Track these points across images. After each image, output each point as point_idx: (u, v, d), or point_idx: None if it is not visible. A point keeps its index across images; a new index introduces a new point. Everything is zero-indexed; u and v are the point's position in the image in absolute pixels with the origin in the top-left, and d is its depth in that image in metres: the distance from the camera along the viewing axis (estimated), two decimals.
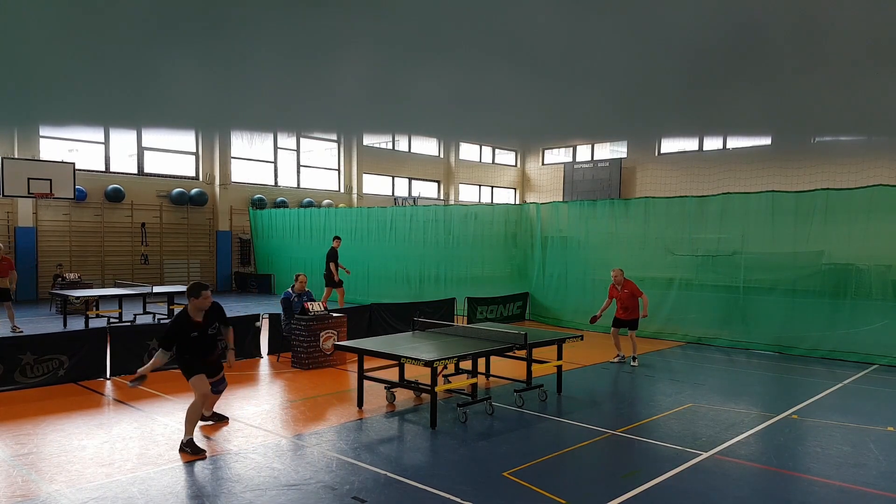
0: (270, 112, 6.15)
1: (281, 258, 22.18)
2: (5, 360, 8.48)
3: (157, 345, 6.43)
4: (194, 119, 8.02)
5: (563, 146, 32.63)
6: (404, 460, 6.27)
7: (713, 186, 20.09)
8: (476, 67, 5.19)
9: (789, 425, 7.49)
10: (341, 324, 10.65)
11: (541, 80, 5.50)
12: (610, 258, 14.71)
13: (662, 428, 7.35)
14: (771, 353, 12.00)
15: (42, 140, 19.74)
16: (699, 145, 27.56)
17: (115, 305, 14.35)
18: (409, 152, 30.21)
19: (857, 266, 11.69)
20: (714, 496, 5.47)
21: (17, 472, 5.76)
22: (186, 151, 23.31)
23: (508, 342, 8.19)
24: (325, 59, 4.88)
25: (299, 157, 26.33)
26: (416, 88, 5.51)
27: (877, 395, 9.08)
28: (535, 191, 33.27)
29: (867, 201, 11.37)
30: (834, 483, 5.75)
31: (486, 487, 5.54)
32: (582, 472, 6.07)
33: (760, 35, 4.84)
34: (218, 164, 23.45)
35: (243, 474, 5.76)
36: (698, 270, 13.29)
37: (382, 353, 7.67)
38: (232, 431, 6.99)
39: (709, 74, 5.39)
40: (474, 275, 17.34)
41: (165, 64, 4.71)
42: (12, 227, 19.23)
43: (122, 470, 5.81)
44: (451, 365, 8.00)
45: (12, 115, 7.41)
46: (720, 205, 13.19)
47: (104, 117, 9.10)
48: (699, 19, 4.53)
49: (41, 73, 4.54)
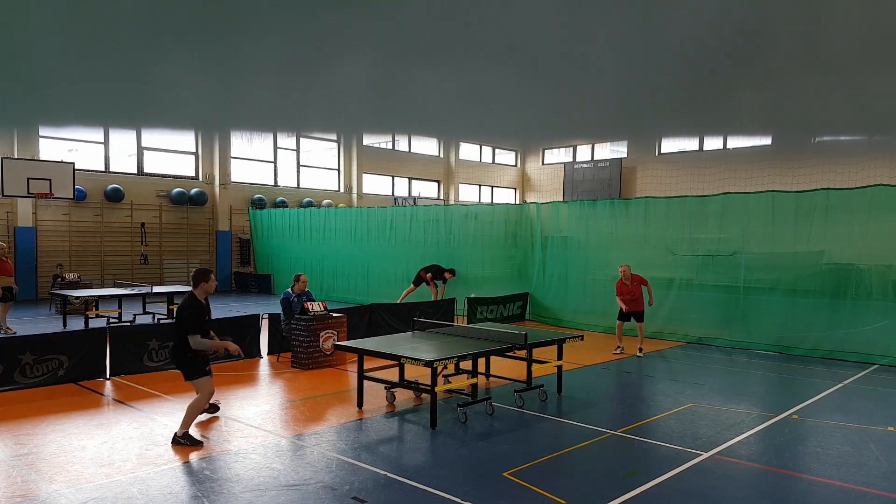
0: (270, 112, 6.14)
1: (281, 258, 22.17)
2: (5, 360, 8.48)
3: (194, 337, 6.51)
4: (194, 119, 8.01)
5: (563, 146, 32.62)
6: (404, 460, 6.26)
7: (713, 186, 20.08)
8: (476, 67, 5.19)
9: (790, 425, 7.48)
10: (341, 324, 10.65)
11: (541, 79, 5.50)
12: (610, 258, 14.71)
13: (662, 428, 7.34)
14: (771, 353, 12.00)
15: (42, 140, 19.73)
16: (699, 145, 27.55)
17: (114, 305, 14.35)
18: (409, 152, 30.20)
19: (858, 266, 11.68)
20: (714, 496, 5.46)
21: (17, 472, 5.76)
22: (186, 151, 23.30)
23: (508, 342, 8.18)
24: (325, 59, 4.88)
25: (299, 156, 26.32)
26: (417, 88, 5.50)
27: (877, 395, 9.08)
28: (535, 191, 33.26)
29: (867, 201, 11.36)
30: (834, 483, 5.75)
31: (486, 487, 5.53)
32: (582, 472, 6.06)
33: (761, 34, 4.84)
34: (218, 164, 23.45)
35: (243, 474, 5.76)
36: (698, 270, 13.28)
37: (382, 353, 7.66)
38: (232, 431, 6.99)
39: (709, 74, 5.39)
40: (474, 275, 17.34)
41: (165, 63, 4.70)
42: (12, 227, 19.22)
43: (121, 470, 5.80)
44: (451, 365, 7.99)
45: (12, 115, 7.41)
46: (720, 205, 13.18)
47: (104, 117, 9.09)
48: (699, 19, 4.53)
49: (41, 73, 4.53)
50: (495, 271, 17.37)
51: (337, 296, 19.38)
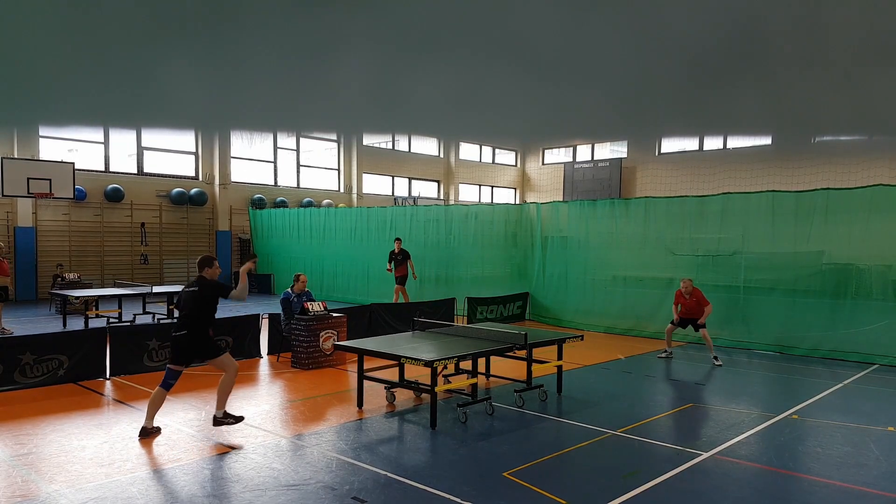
0: (271, 111, 6.14)
1: (281, 258, 22.17)
2: (5, 360, 8.47)
3: (234, 291, 7.04)
4: (194, 118, 8.01)
5: (563, 146, 32.63)
6: (404, 460, 6.26)
7: (713, 186, 20.08)
8: (476, 66, 5.19)
9: (790, 425, 7.48)
10: (341, 324, 10.65)
11: (541, 78, 5.50)
12: (610, 258, 14.73)
13: (662, 428, 7.34)
14: (771, 352, 12.00)
15: (42, 140, 19.74)
16: (699, 145, 27.55)
17: (114, 305, 14.34)
18: (409, 152, 30.20)
19: (858, 266, 11.68)
20: (714, 496, 5.46)
21: (17, 472, 5.76)
22: (186, 151, 23.30)
23: (508, 342, 8.18)
24: (325, 59, 4.88)
25: (299, 156, 26.32)
26: (417, 88, 5.50)
27: (877, 395, 9.08)
28: (535, 191, 33.26)
29: (867, 201, 11.36)
30: (834, 483, 5.75)
31: (486, 487, 5.53)
32: (582, 472, 6.06)
33: (761, 34, 4.84)
34: (217, 164, 23.45)
35: (243, 474, 5.76)
36: (699, 270, 13.28)
37: (382, 353, 7.66)
38: (232, 431, 6.98)
39: (709, 73, 5.39)
40: (474, 275, 17.34)
41: (165, 63, 4.70)
42: (12, 227, 19.23)
43: (121, 470, 5.80)
44: (451, 365, 7.99)
45: (12, 115, 7.41)
46: (720, 205, 13.18)
47: (104, 117, 9.09)
48: (700, 18, 4.53)
49: (41, 73, 4.53)
50: (495, 271, 17.37)
51: (337, 296, 19.38)
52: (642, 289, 14.27)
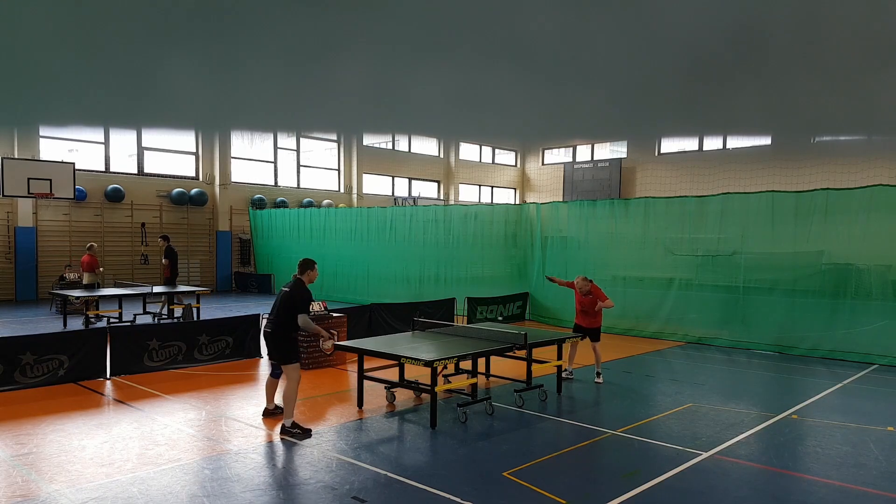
0: (271, 111, 6.14)
1: (281, 258, 22.18)
2: (5, 359, 8.48)
3: (305, 317, 7.01)
4: (194, 118, 8.01)
5: (563, 146, 32.63)
6: (404, 460, 6.26)
7: (713, 186, 20.09)
8: (477, 66, 5.19)
9: (789, 425, 7.48)
10: (341, 324, 10.65)
11: (541, 78, 5.50)
12: (610, 258, 14.72)
13: (662, 428, 7.34)
14: (771, 353, 12.00)
15: (42, 140, 19.74)
16: (699, 145, 27.56)
17: (114, 305, 14.35)
18: (409, 152, 30.20)
19: (857, 266, 11.69)
20: (714, 496, 5.46)
21: (17, 472, 5.76)
22: (186, 151, 23.30)
23: (508, 342, 8.19)
24: (325, 59, 4.88)
25: (299, 157, 26.32)
26: (417, 88, 5.50)
27: (877, 395, 9.08)
28: (535, 191, 33.26)
29: (867, 201, 11.36)
30: (834, 483, 5.75)
31: (486, 487, 5.53)
32: (582, 472, 6.06)
33: (761, 34, 4.84)
34: (218, 164, 23.45)
35: (243, 474, 5.76)
36: (698, 270, 13.29)
37: (382, 353, 7.67)
38: (232, 431, 6.99)
39: (709, 73, 5.39)
40: (474, 275, 17.34)
41: (166, 63, 4.70)
42: (12, 227, 19.23)
43: (122, 470, 5.80)
44: (451, 365, 8.00)
45: (12, 115, 7.41)
46: (720, 205, 13.19)
47: (104, 117, 9.10)
48: (700, 19, 4.53)
49: (42, 73, 4.53)
50: (495, 271, 17.37)
51: (337, 296, 19.39)
52: (642, 289, 14.27)
